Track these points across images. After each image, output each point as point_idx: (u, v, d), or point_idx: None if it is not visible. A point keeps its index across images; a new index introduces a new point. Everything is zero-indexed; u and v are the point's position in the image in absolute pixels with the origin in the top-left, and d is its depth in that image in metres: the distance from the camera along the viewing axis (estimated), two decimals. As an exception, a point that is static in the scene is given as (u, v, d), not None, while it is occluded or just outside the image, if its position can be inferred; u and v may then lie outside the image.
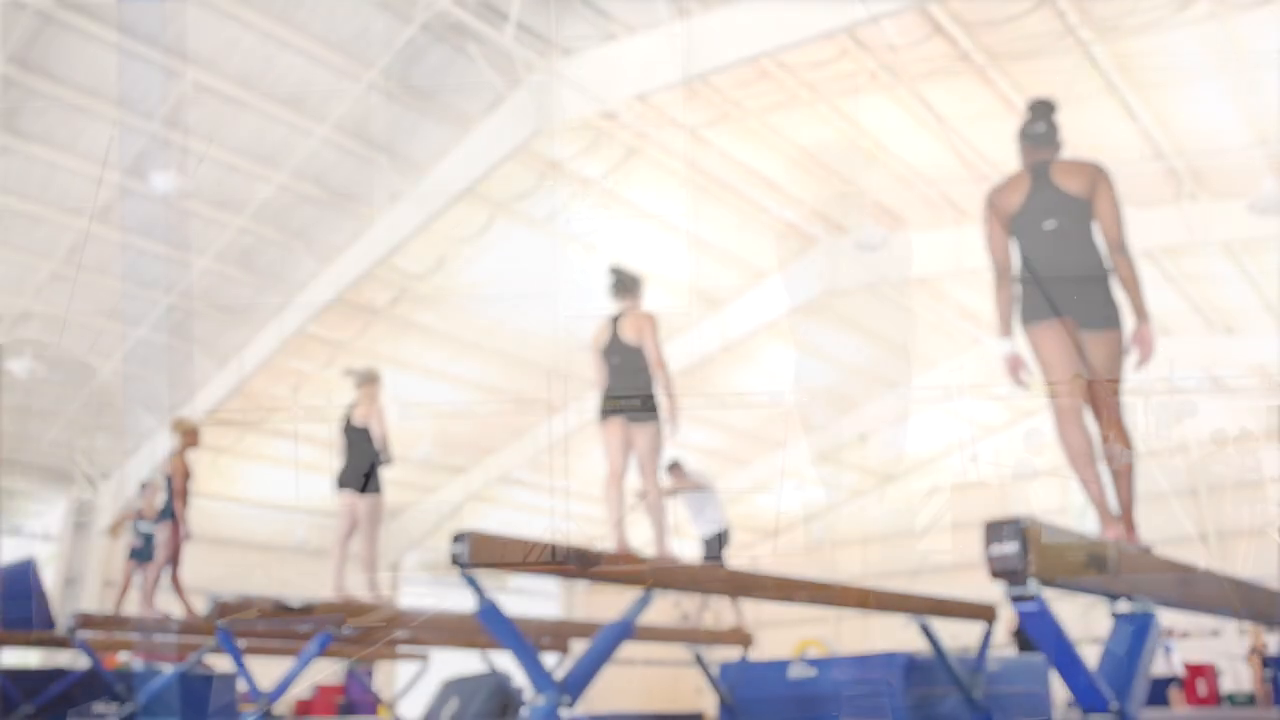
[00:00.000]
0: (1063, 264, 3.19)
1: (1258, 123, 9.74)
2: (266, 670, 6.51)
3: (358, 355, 13.92)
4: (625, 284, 4.71)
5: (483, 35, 9.10)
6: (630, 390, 4.45)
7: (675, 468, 8.25)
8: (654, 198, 12.40)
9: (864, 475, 22.34)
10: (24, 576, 7.35)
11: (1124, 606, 2.71)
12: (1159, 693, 11.71)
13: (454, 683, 10.25)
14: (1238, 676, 15.86)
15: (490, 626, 3.03)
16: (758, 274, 14.36)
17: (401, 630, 6.16)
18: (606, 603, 22.20)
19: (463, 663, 11.83)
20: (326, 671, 16.96)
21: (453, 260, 12.84)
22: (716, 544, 7.98)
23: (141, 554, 8.11)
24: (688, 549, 7.97)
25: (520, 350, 15.02)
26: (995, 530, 2.00)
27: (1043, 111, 3.46)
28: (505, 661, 9.05)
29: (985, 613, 5.24)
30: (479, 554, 2.93)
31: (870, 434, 19.63)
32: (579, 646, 8.20)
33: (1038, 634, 2.09)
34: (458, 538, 2.92)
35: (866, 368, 17.81)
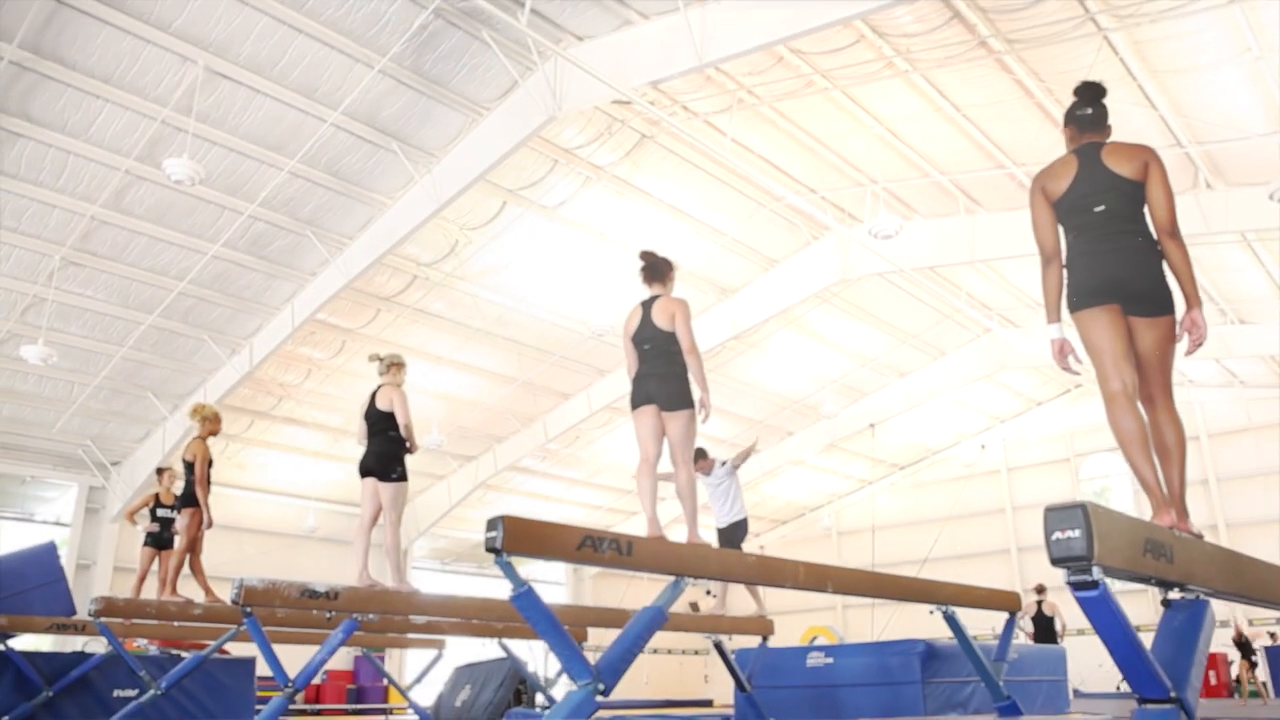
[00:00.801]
0: (1113, 248, 3.15)
1: (1278, 110, 9.67)
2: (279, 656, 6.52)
3: (368, 343, 13.93)
4: (657, 269, 4.67)
5: (497, 21, 9.03)
6: (662, 376, 4.41)
7: (701, 455, 8.30)
8: (667, 185, 12.37)
9: (873, 464, 22.36)
10: (46, 560, 7.34)
11: (1174, 594, 2.69)
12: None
13: (466, 669, 10.25)
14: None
15: (526, 613, 3.01)
16: (770, 262, 14.33)
17: (421, 616, 6.15)
18: (614, 590, 22.22)
19: (465, 648, 11.85)
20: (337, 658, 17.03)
21: (464, 247, 12.82)
22: (734, 533, 7.97)
23: (158, 540, 8.11)
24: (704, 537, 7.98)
25: (530, 338, 15.03)
26: (1057, 515, 1.96)
27: (1091, 94, 3.41)
28: (514, 648, 9.09)
29: (1010, 601, 5.23)
30: (514, 539, 2.90)
31: (879, 423, 19.61)
32: (595, 634, 8.22)
33: (1100, 621, 2.06)
34: (492, 523, 2.89)
35: (878, 356, 17.80)
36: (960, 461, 22.24)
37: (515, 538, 2.94)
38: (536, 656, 14.42)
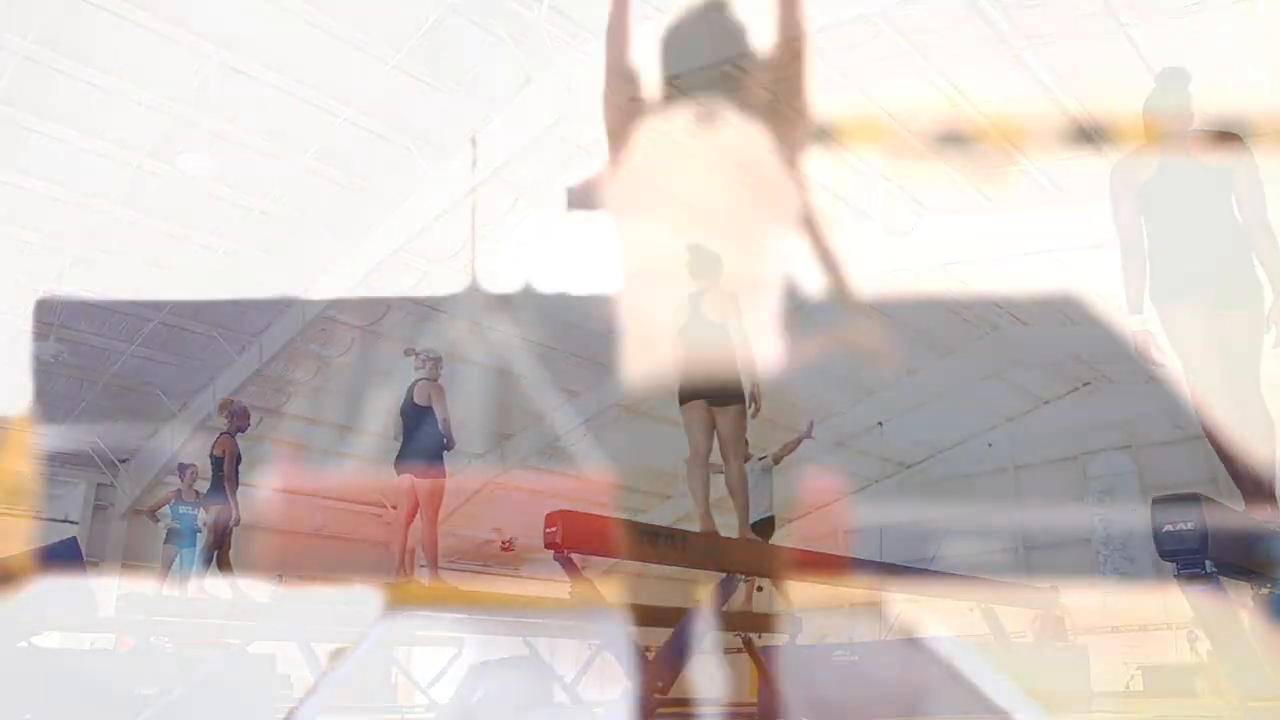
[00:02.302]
0: (1199, 237, 3.09)
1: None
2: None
3: (378, 340, 13.89)
4: (705, 263, 4.63)
5: (513, 16, 8.99)
6: (711, 370, 4.37)
7: None
8: (679, 180, 12.30)
9: (880, 462, 22.31)
10: (69, 555, 7.28)
11: (1265, 589, 2.65)
12: (1185, 683, 11.64)
13: (482, 666, 10.16)
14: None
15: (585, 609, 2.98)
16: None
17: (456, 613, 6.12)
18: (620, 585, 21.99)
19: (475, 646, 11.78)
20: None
21: (476, 244, 12.77)
22: (761, 530, 7.95)
23: (178, 536, 8.05)
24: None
25: (539, 335, 14.98)
26: (1168, 508, 1.92)
27: (1175, 81, 3.35)
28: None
29: (1047, 599, 5.20)
30: (573, 535, 2.87)
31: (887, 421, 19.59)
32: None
33: (1210, 614, 2.03)
34: (551, 519, 2.86)
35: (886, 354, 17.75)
36: (967, 459, 22.19)
37: (574, 533, 2.91)
38: (548, 654, 14.37)
